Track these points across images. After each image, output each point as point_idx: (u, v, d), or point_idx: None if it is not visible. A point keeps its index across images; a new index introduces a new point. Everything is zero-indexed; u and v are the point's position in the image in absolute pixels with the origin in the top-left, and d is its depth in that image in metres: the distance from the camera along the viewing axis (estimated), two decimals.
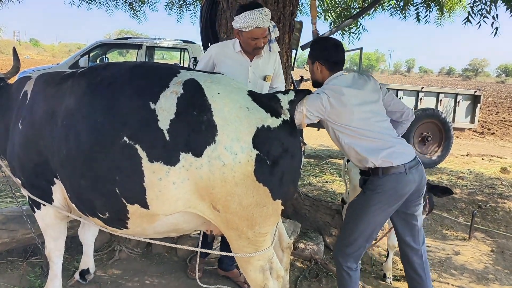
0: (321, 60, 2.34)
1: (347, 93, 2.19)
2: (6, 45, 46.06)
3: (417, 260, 2.44)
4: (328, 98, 2.15)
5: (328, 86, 2.25)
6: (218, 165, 1.76)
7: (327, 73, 2.35)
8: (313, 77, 2.43)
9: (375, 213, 2.25)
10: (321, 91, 2.20)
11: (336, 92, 2.18)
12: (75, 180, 2.02)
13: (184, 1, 7.63)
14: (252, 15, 2.35)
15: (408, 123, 2.53)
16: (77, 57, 8.26)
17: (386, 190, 2.22)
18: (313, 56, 2.38)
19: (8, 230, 3.02)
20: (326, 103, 2.15)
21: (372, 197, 2.25)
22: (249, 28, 2.39)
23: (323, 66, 2.34)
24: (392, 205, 2.26)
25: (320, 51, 2.37)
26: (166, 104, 1.84)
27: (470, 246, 3.95)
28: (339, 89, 2.20)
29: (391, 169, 2.21)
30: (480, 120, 13.22)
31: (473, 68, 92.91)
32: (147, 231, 2.08)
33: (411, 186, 2.25)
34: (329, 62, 2.33)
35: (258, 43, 2.47)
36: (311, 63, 2.40)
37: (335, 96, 2.16)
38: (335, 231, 3.73)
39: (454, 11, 6.16)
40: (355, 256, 2.34)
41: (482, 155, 8.64)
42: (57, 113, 2.09)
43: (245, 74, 2.59)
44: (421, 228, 2.46)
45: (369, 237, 2.32)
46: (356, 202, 2.36)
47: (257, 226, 1.89)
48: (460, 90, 7.65)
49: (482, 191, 5.69)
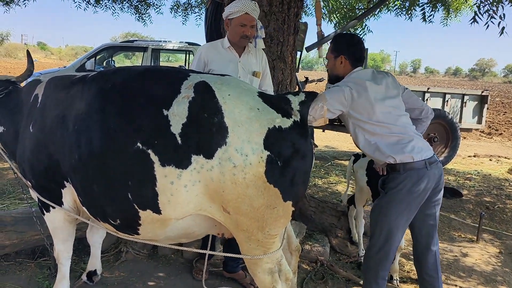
0: (346, 54, 2.33)
1: (369, 86, 2.18)
2: (14, 49, 46.55)
3: (431, 261, 2.42)
4: (350, 90, 2.14)
5: (350, 79, 2.24)
6: (229, 166, 1.76)
7: (349, 68, 2.34)
8: (334, 72, 2.41)
9: (400, 213, 2.23)
10: (343, 84, 2.18)
11: (359, 85, 2.16)
12: (87, 185, 2.03)
13: (189, 4, 7.68)
14: (243, 1, 2.51)
15: (428, 121, 2.51)
16: (83, 60, 8.31)
17: (409, 187, 2.20)
18: (338, 50, 2.36)
19: (17, 231, 3.04)
20: (349, 96, 2.13)
21: (395, 196, 2.22)
22: (238, 13, 2.51)
23: (347, 61, 2.33)
24: (416, 202, 2.24)
25: (347, 45, 2.36)
26: (179, 109, 1.85)
27: (478, 247, 3.92)
28: (362, 82, 2.18)
29: (412, 164, 2.19)
30: (487, 121, 13.11)
31: (480, 68, 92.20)
32: (159, 236, 2.08)
33: (432, 182, 2.23)
34: (354, 57, 2.33)
35: (246, 31, 2.56)
36: (334, 57, 2.37)
37: (358, 89, 2.15)
38: (340, 233, 3.72)
39: (461, 11, 6.12)
40: (389, 262, 2.32)
41: (490, 156, 8.56)
42: (69, 117, 2.10)
43: (235, 69, 2.66)
44: (436, 229, 2.45)
45: (398, 239, 2.30)
46: (379, 204, 2.33)
47: (267, 228, 1.89)
48: (467, 90, 7.59)
49: (490, 192, 5.64)
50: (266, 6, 3.39)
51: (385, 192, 2.29)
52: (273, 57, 3.50)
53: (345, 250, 3.60)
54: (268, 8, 3.40)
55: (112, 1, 6.93)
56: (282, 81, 3.59)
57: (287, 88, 3.65)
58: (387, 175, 2.32)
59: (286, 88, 3.63)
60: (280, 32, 3.48)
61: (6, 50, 45.93)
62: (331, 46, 2.42)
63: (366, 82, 2.19)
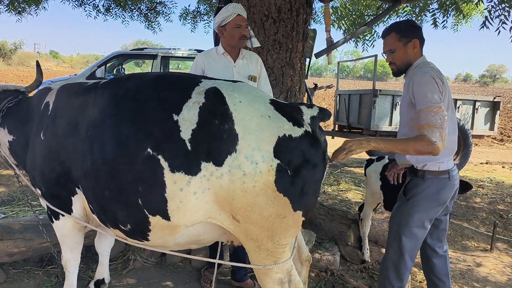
0: (418, 37, 2.22)
1: (446, 83, 2.09)
2: (27, 57, 47.38)
3: (441, 266, 2.39)
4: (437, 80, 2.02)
5: (429, 68, 2.10)
6: (238, 174, 1.73)
7: (419, 53, 2.24)
8: (406, 59, 2.24)
9: (421, 220, 2.20)
10: (426, 73, 2.04)
11: (441, 77, 2.06)
12: (98, 191, 2.02)
13: (198, 12, 7.73)
14: (232, 5, 2.60)
15: None
16: (94, 68, 8.39)
17: (430, 195, 2.16)
18: (409, 34, 2.22)
19: (25, 239, 3.05)
20: (440, 84, 2.02)
21: (416, 203, 2.19)
22: (232, 17, 2.59)
23: (419, 45, 2.22)
24: (435, 210, 2.21)
25: (416, 28, 2.24)
26: (189, 115, 1.83)
27: (492, 257, 3.83)
28: (441, 74, 2.08)
29: (436, 173, 2.15)
30: (499, 127, 12.92)
31: (491, 75, 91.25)
32: (168, 243, 2.06)
33: (452, 191, 2.21)
34: (423, 40, 2.24)
35: (243, 31, 2.63)
36: (404, 44, 2.22)
37: (442, 79, 2.06)
38: (351, 241, 3.66)
39: (471, 16, 6.07)
40: (407, 271, 2.27)
41: (503, 163, 8.43)
42: (81, 124, 2.10)
43: (230, 75, 2.70)
44: (446, 234, 2.42)
45: (417, 247, 2.26)
46: (400, 211, 2.28)
47: (277, 237, 1.86)
48: (479, 96, 7.51)
49: (503, 200, 5.53)
50: (275, 13, 3.39)
51: (406, 199, 2.25)
52: (282, 63, 3.49)
53: (355, 259, 3.54)
54: (277, 14, 3.39)
55: (122, 10, 7.02)
56: (291, 88, 3.57)
57: (296, 94, 3.63)
58: (408, 181, 2.27)
59: (295, 95, 3.61)
60: (289, 39, 3.47)
61: (19, 58, 46.80)
62: (391, 36, 2.25)
63: (442, 76, 2.09)
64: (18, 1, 6.32)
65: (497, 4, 3.78)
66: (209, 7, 7.55)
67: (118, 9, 7.02)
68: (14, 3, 6.30)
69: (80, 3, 6.76)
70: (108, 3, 6.92)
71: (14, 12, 6.49)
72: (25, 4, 6.44)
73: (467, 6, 5.61)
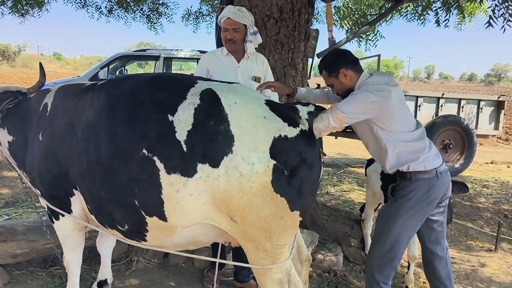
0: (344, 65, 2.24)
1: (393, 90, 2.09)
2: (31, 59, 47.57)
3: (442, 269, 2.37)
4: (374, 96, 2.04)
5: (369, 86, 2.11)
6: (235, 175, 1.73)
7: (354, 76, 2.26)
8: (344, 88, 2.29)
9: (408, 221, 2.20)
10: (364, 91, 2.08)
11: (382, 91, 2.07)
12: (95, 192, 2.03)
13: (200, 13, 7.76)
14: (227, 8, 2.61)
15: None
16: (97, 69, 8.43)
17: (419, 196, 2.16)
18: (334, 68, 2.26)
19: (29, 240, 3.06)
20: (375, 100, 2.04)
21: (404, 204, 2.19)
22: (222, 19, 2.62)
23: (349, 70, 2.24)
24: (424, 211, 2.21)
25: (339, 58, 2.29)
26: (184, 116, 1.84)
27: (496, 257, 3.81)
28: (383, 87, 2.08)
29: (423, 173, 2.16)
30: (504, 127, 12.83)
31: (496, 74, 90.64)
32: (165, 243, 2.07)
33: (441, 191, 2.20)
34: (352, 62, 2.25)
35: (228, 35, 2.63)
36: (336, 77, 2.27)
37: (381, 94, 2.06)
38: (354, 242, 3.64)
39: (475, 15, 6.04)
40: (392, 269, 2.28)
41: (508, 162, 8.37)
42: (77, 125, 2.11)
43: (234, 75, 2.71)
44: (445, 235, 2.40)
45: (403, 246, 2.26)
46: (387, 211, 2.29)
47: (275, 238, 1.86)
48: (483, 95, 7.46)
49: (508, 200, 5.49)
50: (276, 13, 3.38)
51: (394, 200, 2.25)
52: (284, 64, 3.48)
53: (358, 260, 3.53)
54: (278, 14, 3.39)
55: (124, 11, 7.04)
56: None
57: None
58: (397, 182, 2.27)
59: None
60: (290, 39, 3.47)
61: (23, 60, 46.99)
62: (324, 74, 2.32)
63: (385, 86, 2.09)
64: (21, 3, 6.36)
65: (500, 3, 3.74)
66: (211, 8, 7.57)
67: (121, 10, 7.05)
68: (17, 5, 6.34)
69: (83, 5, 6.79)
70: (111, 5, 6.96)
71: (17, 14, 6.54)
72: (28, 6, 6.48)
73: (470, 5, 5.58)
